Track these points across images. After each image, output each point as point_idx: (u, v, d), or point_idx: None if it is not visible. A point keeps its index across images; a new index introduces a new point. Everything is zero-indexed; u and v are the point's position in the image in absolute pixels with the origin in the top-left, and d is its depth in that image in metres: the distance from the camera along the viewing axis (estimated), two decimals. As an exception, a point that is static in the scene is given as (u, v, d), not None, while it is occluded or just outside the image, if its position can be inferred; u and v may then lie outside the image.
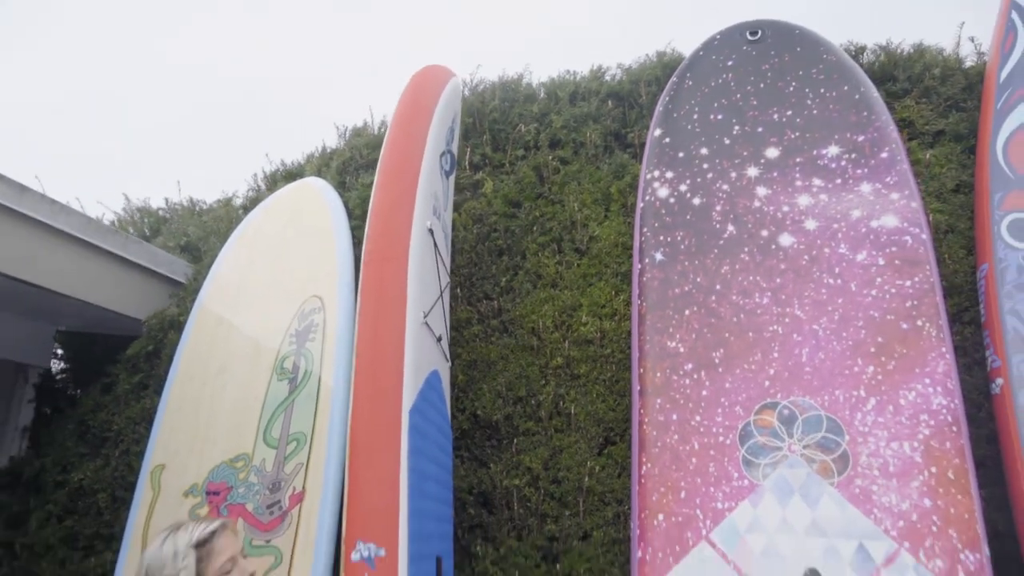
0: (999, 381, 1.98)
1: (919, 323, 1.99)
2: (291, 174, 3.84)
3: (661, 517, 1.95)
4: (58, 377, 3.79)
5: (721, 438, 1.99)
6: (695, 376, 2.08)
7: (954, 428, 1.87)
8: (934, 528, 1.79)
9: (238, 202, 4.06)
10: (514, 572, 2.30)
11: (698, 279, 2.19)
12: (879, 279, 2.06)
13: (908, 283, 2.04)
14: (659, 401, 2.07)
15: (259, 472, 2.36)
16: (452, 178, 2.81)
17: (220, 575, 1.35)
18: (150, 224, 4.24)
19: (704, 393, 2.05)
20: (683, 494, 1.96)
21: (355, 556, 1.58)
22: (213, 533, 1.37)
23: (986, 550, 1.75)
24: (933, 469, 1.85)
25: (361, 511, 1.62)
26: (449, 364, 2.41)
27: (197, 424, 2.52)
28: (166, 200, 4.36)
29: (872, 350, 1.99)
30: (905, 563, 1.77)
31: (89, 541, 2.94)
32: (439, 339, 2.22)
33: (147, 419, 2.94)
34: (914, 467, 1.86)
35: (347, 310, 2.50)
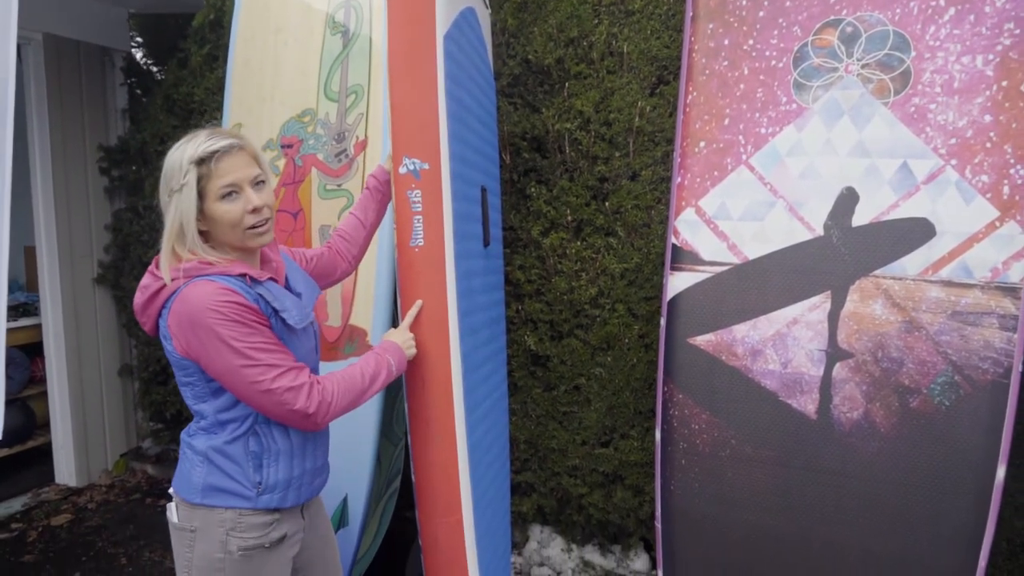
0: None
1: (1031, -88, 1.69)
2: None
3: (703, 144, 1.96)
4: (141, 60, 3.96)
5: (774, 62, 1.90)
6: (753, -4, 1.91)
7: (1041, 37, 1.69)
8: (988, 144, 1.72)
9: None
10: (565, 210, 2.46)
11: None
12: None
13: None
14: (711, 26, 1.95)
15: (324, 124, 2.50)
16: None
17: (218, 199, 1.26)
18: None
19: (761, 14, 1.90)
20: (727, 121, 1.94)
21: (402, 169, 1.71)
22: (214, 152, 1.24)
23: (1041, 163, 1.68)
24: (1004, 83, 1.71)
25: (404, 130, 1.70)
26: (488, 11, 2.31)
27: (263, 83, 2.62)
28: None
29: (964, -49, 1.74)
30: (947, 179, 1.75)
31: (195, 199, 3.32)
32: (475, -24, 2.10)
33: (221, 88, 3.08)
34: (982, 81, 1.73)
35: (388, -47, 2.38)
